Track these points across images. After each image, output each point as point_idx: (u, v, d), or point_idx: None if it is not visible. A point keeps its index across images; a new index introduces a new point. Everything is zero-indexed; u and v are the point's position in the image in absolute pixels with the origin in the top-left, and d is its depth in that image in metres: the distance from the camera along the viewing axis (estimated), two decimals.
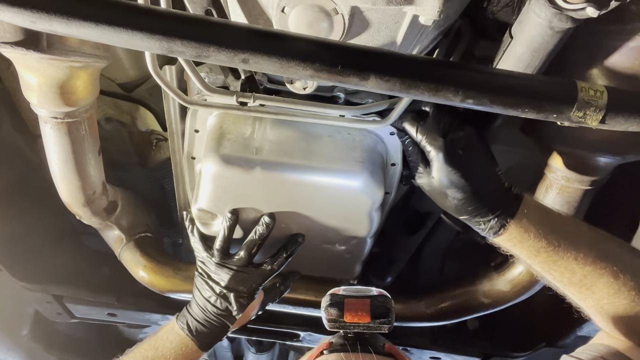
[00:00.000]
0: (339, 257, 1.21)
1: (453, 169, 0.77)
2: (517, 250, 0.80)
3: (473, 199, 0.78)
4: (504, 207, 0.78)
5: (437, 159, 0.78)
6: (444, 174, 0.78)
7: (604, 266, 0.75)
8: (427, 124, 0.81)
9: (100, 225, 1.23)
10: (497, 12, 0.80)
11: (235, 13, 0.76)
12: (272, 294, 1.19)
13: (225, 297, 1.04)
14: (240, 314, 1.05)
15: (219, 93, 0.90)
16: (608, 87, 0.68)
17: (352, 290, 0.94)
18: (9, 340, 1.56)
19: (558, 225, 0.79)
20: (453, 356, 1.54)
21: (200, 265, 1.07)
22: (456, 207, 0.80)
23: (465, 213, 0.80)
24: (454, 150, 0.78)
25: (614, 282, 0.74)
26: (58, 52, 0.77)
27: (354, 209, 1.03)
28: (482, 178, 0.79)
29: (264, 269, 1.06)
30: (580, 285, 0.77)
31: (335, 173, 0.96)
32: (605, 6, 0.60)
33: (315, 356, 0.83)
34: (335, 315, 0.89)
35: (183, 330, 1.03)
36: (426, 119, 0.82)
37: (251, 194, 1.00)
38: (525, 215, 0.78)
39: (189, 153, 1.08)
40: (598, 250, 0.76)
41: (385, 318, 0.89)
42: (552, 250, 0.77)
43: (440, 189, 0.80)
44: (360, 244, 1.16)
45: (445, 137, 0.78)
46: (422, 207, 1.34)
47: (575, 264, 0.76)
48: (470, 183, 0.77)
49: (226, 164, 0.94)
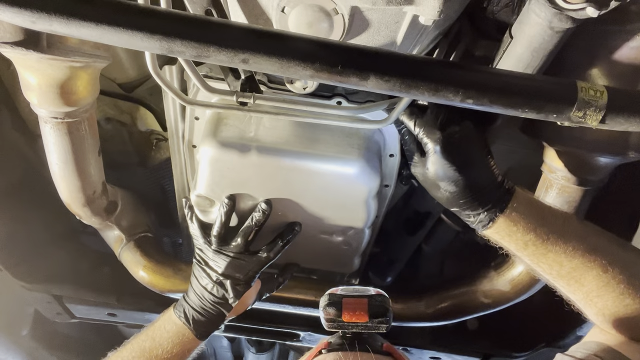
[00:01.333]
0: (337, 249, 1.21)
1: (448, 163, 0.78)
2: (505, 243, 0.81)
3: (465, 193, 0.79)
4: (494, 202, 0.79)
5: (433, 152, 0.79)
6: (439, 167, 0.79)
7: (592, 259, 0.75)
8: (426, 117, 0.82)
9: (100, 225, 1.23)
10: (497, 12, 0.80)
11: (235, 13, 0.76)
12: (270, 285, 1.19)
13: (222, 285, 1.05)
14: (236, 302, 1.05)
15: (219, 93, 0.90)
16: (608, 87, 0.68)
17: (350, 290, 0.94)
18: (9, 340, 1.56)
19: (548, 218, 0.79)
20: (453, 356, 1.54)
21: (198, 252, 1.08)
22: (447, 199, 0.82)
23: (456, 205, 0.81)
24: (451, 144, 0.79)
25: (603, 275, 0.75)
26: (58, 52, 0.77)
27: (350, 197, 1.03)
28: (476, 172, 0.80)
29: (260, 256, 1.07)
30: (569, 278, 0.78)
31: (331, 159, 0.96)
32: (605, 6, 0.60)
33: (313, 355, 0.83)
34: (333, 315, 0.90)
35: (180, 319, 1.04)
36: (424, 112, 0.82)
37: (248, 179, 1.01)
38: (515, 209, 0.78)
39: (189, 141, 1.09)
40: (587, 243, 0.77)
41: (383, 317, 0.89)
42: (541, 244, 0.77)
43: (434, 180, 0.81)
44: (357, 234, 1.17)
45: (443, 130, 0.79)
46: (422, 207, 1.34)
47: (564, 256, 0.77)
48: (463, 177, 0.78)
49: (223, 148, 0.95)
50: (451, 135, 0.79)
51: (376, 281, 1.62)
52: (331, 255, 1.25)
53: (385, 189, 1.15)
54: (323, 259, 1.28)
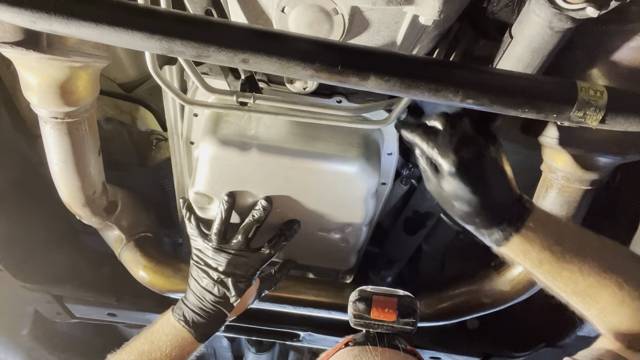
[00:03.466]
0: (335, 246, 1.21)
1: (463, 184, 0.77)
2: (519, 260, 0.80)
3: (480, 212, 0.78)
4: (509, 220, 0.78)
5: (448, 173, 0.77)
6: (454, 188, 0.78)
7: (608, 277, 0.75)
8: (440, 138, 0.79)
9: (100, 225, 1.23)
10: (497, 12, 0.80)
11: (235, 13, 0.76)
12: (268, 282, 1.19)
13: (223, 283, 1.04)
14: (238, 300, 1.04)
15: (219, 93, 0.90)
16: (608, 87, 0.68)
17: (380, 289, 0.95)
18: (9, 340, 1.56)
19: (564, 236, 0.78)
20: (453, 356, 1.55)
21: (197, 253, 1.07)
22: (462, 217, 0.81)
23: (471, 224, 0.80)
24: (466, 166, 0.77)
25: (619, 293, 0.74)
26: (58, 52, 0.77)
27: (349, 194, 1.04)
28: (491, 192, 0.79)
29: (262, 253, 1.07)
30: (584, 296, 0.77)
31: (331, 157, 0.96)
32: (605, 6, 0.60)
33: (339, 348, 0.83)
34: (362, 311, 0.89)
35: (179, 322, 1.02)
36: (438, 132, 0.80)
37: (247, 177, 1.01)
38: (531, 228, 0.77)
39: (187, 138, 1.09)
40: (604, 261, 0.76)
41: (411, 318, 0.90)
42: (556, 262, 0.77)
43: (449, 199, 0.80)
44: (355, 232, 1.17)
45: (458, 152, 0.77)
46: (422, 207, 1.34)
47: (580, 275, 0.76)
48: (478, 197, 0.77)
49: (223, 146, 0.95)
50: (466, 157, 0.77)
51: (376, 281, 1.62)
52: (328, 252, 1.25)
53: (382, 186, 1.15)
54: (320, 255, 1.28)
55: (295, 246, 1.13)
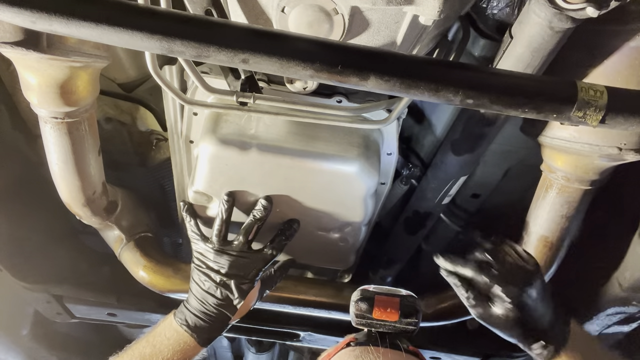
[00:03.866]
0: (334, 245, 1.21)
1: (519, 315, 0.85)
2: None
3: (528, 336, 0.87)
4: (556, 342, 0.87)
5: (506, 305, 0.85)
6: (509, 317, 0.86)
7: None
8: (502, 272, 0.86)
9: (100, 225, 1.23)
10: (497, 12, 0.80)
11: (235, 13, 0.76)
12: (268, 283, 1.18)
13: (226, 285, 1.02)
14: (241, 302, 1.03)
15: (219, 93, 0.90)
16: (608, 87, 0.68)
17: (382, 289, 0.95)
18: (9, 340, 1.56)
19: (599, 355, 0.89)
20: (453, 356, 1.54)
21: (198, 256, 1.06)
22: (508, 336, 0.89)
23: (519, 342, 0.89)
24: (526, 300, 0.85)
25: None
26: (58, 52, 0.77)
27: (348, 194, 1.04)
28: (541, 318, 0.88)
29: (265, 253, 1.06)
30: None
31: (330, 157, 0.96)
32: (605, 6, 0.60)
33: (341, 348, 0.84)
34: (364, 310, 0.90)
35: (181, 326, 1.01)
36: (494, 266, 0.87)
37: (247, 176, 1.01)
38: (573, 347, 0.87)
39: (187, 136, 1.08)
40: None
41: (413, 318, 0.90)
42: None
43: (500, 324, 0.87)
44: (354, 231, 1.17)
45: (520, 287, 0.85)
46: (422, 207, 1.34)
47: None
48: (529, 323, 0.86)
49: (223, 145, 0.95)
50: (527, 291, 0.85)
51: (376, 281, 1.62)
52: (328, 251, 1.25)
53: (381, 186, 1.16)
54: (319, 255, 1.28)
55: (294, 245, 1.13)
